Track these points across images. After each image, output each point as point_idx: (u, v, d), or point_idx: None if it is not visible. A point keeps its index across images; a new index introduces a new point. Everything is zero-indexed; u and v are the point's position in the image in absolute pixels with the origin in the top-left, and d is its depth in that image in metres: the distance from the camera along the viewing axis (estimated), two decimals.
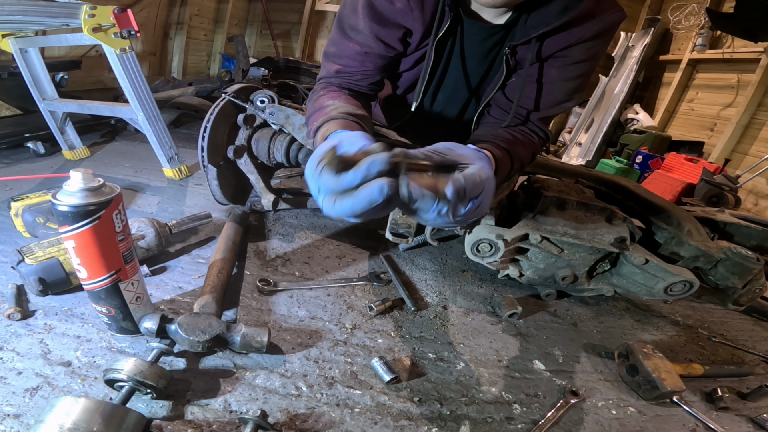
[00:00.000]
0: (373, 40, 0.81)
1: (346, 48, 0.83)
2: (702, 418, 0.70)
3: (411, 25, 0.80)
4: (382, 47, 0.82)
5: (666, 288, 0.87)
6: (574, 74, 0.80)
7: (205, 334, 0.64)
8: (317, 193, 0.47)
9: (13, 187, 1.22)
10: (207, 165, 1.07)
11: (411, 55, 0.88)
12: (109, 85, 2.64)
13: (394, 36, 0.81)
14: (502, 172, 0.71)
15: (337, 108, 0.74)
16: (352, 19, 0.80)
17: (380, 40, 0.81)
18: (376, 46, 0.81)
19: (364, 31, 0.80)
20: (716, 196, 2.14)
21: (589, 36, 0.75)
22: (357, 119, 0.71)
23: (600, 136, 3.45)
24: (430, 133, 0.79)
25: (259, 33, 4.70)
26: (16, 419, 0.52)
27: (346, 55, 0.83)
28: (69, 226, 0.55)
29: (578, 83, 0.82)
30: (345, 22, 0.81)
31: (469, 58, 0.88)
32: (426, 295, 0.95)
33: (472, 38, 0.84)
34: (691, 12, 3.23)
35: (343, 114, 0.71)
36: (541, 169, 1.23)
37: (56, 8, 1.14)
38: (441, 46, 0.86)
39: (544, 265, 0.91)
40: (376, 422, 0.61)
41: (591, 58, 0.79)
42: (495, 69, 0.86)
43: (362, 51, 0.82)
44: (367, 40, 0.81)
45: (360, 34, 0.80)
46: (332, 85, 0.86)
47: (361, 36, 0.81)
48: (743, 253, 0.87)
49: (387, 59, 0.85)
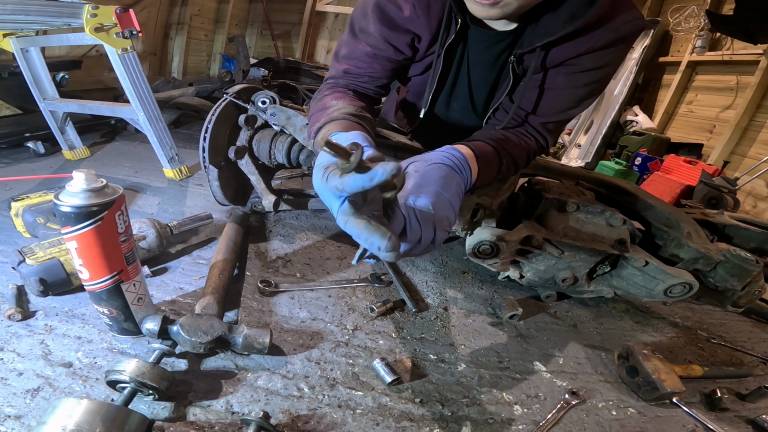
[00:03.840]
0: (383, 43, 0.82)
1: (356, 49, 0.84)
2: (701, 419, 0.70)
3: (419, 31, 0.80)
4: (391, 50, 0.83)
5: (666, 290, 0.87)
6: (582, 82, 0.78)
7: (206, 336, 0.64)
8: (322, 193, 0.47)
9: (13, 187, 1.22)
10: (208, 165, 1.06)
11: (421, 61, 0.88)
12: (110, 84, 2.64)
13: (403, 40, 0.82)
14: (488, 167, 0.71)
15: (340, 109, 0.74)
16: (362, 22, 0.82)
17: (389, 44, 0.82)
18: (385, 48, 0.82)
19: (374, 34, 0.81)
20: (715, 198, 2.15)
21: (601, 45, 0.72)
22: (358, 119, 0.71)
23: (599, 137, 3.46)
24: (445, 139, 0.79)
25: (260, 33, 4.71)
26: (17, 420, 0.52)
27: (356, 56, 0.85)
28: (71, 227, 0.55)
29: (587, 90, 0.80)
30: (356, 25, 0.83)
31: (478, 64, 0.87)
32: (427, 296, 0.95)
33: (479, 45, 0.84)
34: (691, 14, 3.24)
35: (345, 114, 0.72)
36: (541, 170, 1.23)
37: (58, 8, 1.14)
38: (450, 53, 0.85)
39: (545, 267, 0.91)
40: (377, 423, 0.61)
41: (603, 66, 0.76)
42: (504, 76, 0.85)
43: (371, 53, 0.83)
44: (377, 42, 0.82)
45: (370, 36, 0.82)
46: (338, 85, 0.87)
47: (370, 38, 0.82)
48: (742, 255, 0.87)
49: (395, 63, 0.86)
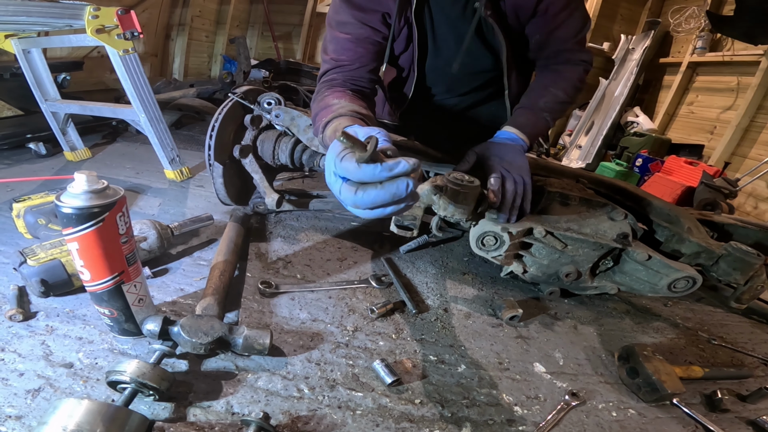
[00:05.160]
0: (360, 27, 0.91)
1: (339, 41, 0.93)
2: (702, 420, 0.70)
3: (386, 8, 0.91)
4: (369, 30, 0.92)
5: (670, 284, 0.86)
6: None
7: (207, 336, 0.64)
8: (334, 180, 0.49)
9: (15, 188, 1.22)
10: (213, 163, 1.07)
11: (400, 37, 0.97)
12: (111, 86, 2.65)
13: (376, 19, 0.92)
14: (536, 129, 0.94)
15: (344, 106, 0.79)
16: (337, 17, 0.92)
17: (365, 24, 0.91)
18: (363, 31, 0.92)
19: (350, 21, 0.91)
20: (710, 204, 2.14)
21: None
22: (363, 117, 0.76)
23: (600, 138, 3.47)
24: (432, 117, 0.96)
25: (260, 35, 4.72)
26: (18, 420, 0.52)
27: (341, 47, 0.93)
28: (73, 228, 0.55)
29: None
30: (333, 22, 0.94)
31: (450, 21, 0.96)
32: (427, 297, 0.95)
33: (442, 3, 0.94)
34: (692, 15, 3.25)
35: (351, 111, 0.77)
36: (542, 171, 1.23)
37: (60, 9, 1.15)
38: (421, 18, 0.95)
39: (548, 261, 0.90)
40: (377, 424, 0.61)
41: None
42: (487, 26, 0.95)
43: (353, 39, 0.92)
44: (355, 28, 0.91)
45: (347, 25, 0.91)
46: (335, 82, 0.92)
47: (348, 27, 0.92)
48: (744, 248, 0.86)
49: (377, 44, 0.94)
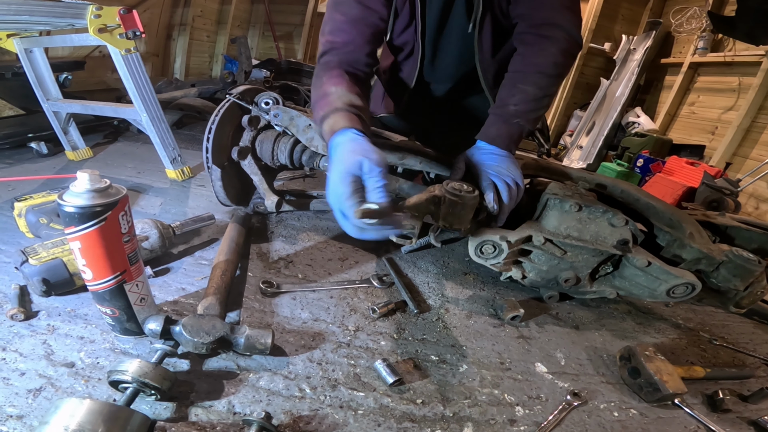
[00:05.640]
0: (357, 7, 0.92)
1: (336, 21, 0.94)
2: (703, 421, 0.70)
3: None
4: (364, 10, 0.93)
5: (668, 290, 0.87)
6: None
7: (209, 336, 0.64)
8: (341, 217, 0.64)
9: (16, 187, 1.22)
10: (211, 166, 1.07)
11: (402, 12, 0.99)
12: (113, 85, 2.65)
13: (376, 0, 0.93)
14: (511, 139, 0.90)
15: (341, 97, 0.81)
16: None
17: (360, 3, 0.92)
18: (360, 11, 0.92)
19: (347, 1, 0.92)
20: (716, 201, 2.15)
21: None
22: (358, 111, 0.79)
23: (601, 139, 3.47)
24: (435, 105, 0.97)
25: (262, 34, 4.72)
26: (19, 420, 0.52)
27: (338, 27, 0.94)
28: (75, 227, 0.55)
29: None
30: (332, 2, 0.95)
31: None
32: (428, 297, 0.95)
33: None
34: (693, 15, 3.24)
35: (346, 105, 0.79)
36: (543, 171, 1.23)
37: (62, 8, 1.15)
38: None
39: (547, 267, 0.91)
40: (379, 424, 0.61)
41: None
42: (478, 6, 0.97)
43: (347, 20, 0.93)
44: (351, 8, 0.92)
45: (344, 4, 0.92)
46: (332, 63, 0.93)
47: (345, 6, 0.92)
48: (745, 255, 0.87)
49: (372, 26, 0.95)
